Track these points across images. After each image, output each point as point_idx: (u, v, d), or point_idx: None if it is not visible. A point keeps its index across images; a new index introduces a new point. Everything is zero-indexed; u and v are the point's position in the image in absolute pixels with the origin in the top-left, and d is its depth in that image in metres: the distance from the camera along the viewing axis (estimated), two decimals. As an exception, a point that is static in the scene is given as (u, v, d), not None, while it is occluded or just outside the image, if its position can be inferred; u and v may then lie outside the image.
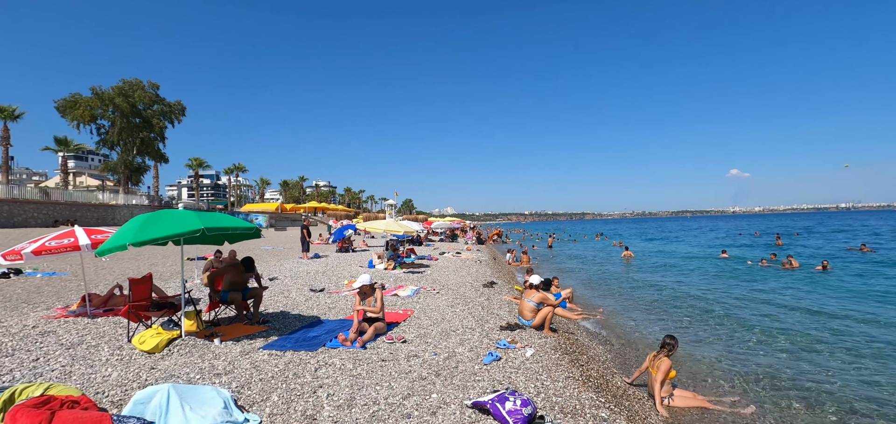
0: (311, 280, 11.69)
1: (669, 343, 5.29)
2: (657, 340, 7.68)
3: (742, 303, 11.11)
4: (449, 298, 9.31)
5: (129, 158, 44.85)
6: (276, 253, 20.48)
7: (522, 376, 4.82)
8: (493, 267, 17.23)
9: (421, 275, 12.98)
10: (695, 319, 9.57)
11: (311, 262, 16.24)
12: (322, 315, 7.59)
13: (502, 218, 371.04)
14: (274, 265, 15.03)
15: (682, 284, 14.58)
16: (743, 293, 12.56)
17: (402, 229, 14.17)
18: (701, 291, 12.94)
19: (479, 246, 29.57)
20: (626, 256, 22.96)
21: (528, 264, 20.73)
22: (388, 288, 10.08)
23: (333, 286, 10.73)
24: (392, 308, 8.16)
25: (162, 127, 46.71)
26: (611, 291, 13.39)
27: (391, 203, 67.48)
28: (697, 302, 11.21)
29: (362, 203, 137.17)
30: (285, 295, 9.38)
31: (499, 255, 24.36)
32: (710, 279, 15.69)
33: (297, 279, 11.83)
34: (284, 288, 10.27)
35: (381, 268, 14.39)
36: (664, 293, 12.83)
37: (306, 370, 4.72)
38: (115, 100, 42.41)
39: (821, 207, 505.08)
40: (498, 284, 11.88)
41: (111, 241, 5.09)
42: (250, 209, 67.75)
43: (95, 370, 4.64)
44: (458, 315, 7.70)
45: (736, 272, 17.02)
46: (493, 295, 10.23)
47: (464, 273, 14.19)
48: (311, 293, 9.63)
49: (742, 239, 37.52)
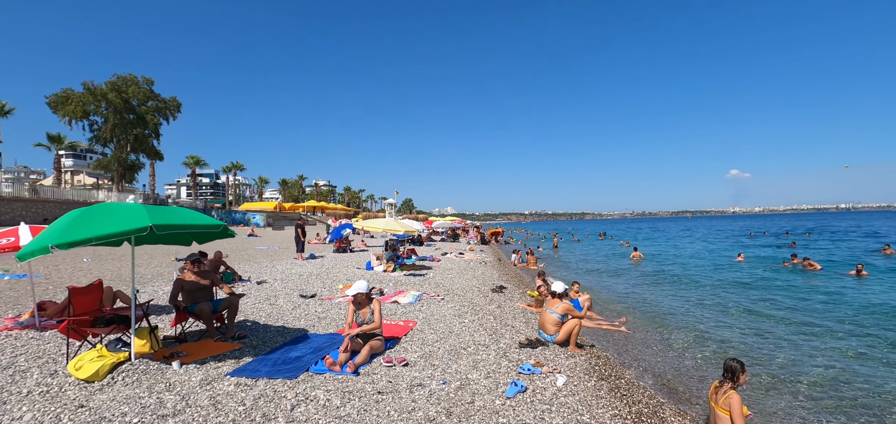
0: (303, 283, 10.64)
1: (733, 367, 4.10)
2: (702, 357, 6.64)
3: (796, 309, 10.06)
4: (455, 305, 8.27)
5: (123, 155, 43.81)
6: (270, 254, 19.43)
7: (559, 416, 3.77)
8: (500, 269, 16.19)
9: (423, 279, 11.94)
10: (747, 328, 8.50)
11: (305, 264, 15.20)
12: (310, 327, 6.54)
13: (502, 217, 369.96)
14: (266, 266, 13.99)
15: (704, 285, 13.54)
16: (781, 296, 11.51)
17: (403, 228, 13.11)
18: (729, 292, 11.91)
19: (482, 247, 28.52)
20: (634, 257, 21.89)
21: (536, 265, 19.69)
22: (388, 294, 9.02)
23: (327, 290, 9.67)
24: (391, 317, 7.11)
25: (156, 123, 45.66)
26: (627, 295, 12.33)
27: (391, 202, 66.36)
28: (728, 302, 10.18)
29: (362, 202, 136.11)
30: (271, 301, 8.33)
31: (504, 256, 23.31)
32: (738, 279, 14.66)
33: (288, 282, 10.78)
34: (272, 293, 9.22)
35: (380, 270, 13.34)
36: (686, 295, 11.79)
37: (280, 409, 3.66)
38: (108, 96, 41.37)
39: (821, 208, 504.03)
40: (508, 289, 10.83)
41: (33, 243, 4.03)
42: (248, 208, 66.71)
43: (5, 408, 3.59)
44: (467, 327, 6.65)
45: (760, 275, 15.98)
46: (504, 301, 9.18)
47: (469, 276, 13.14)
48: (300, 299, 8.58)
49: (754, 240, 36.50)
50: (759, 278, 15.20)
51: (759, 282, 14.27)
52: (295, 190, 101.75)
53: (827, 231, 45.80)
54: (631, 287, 13.96)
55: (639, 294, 12.63)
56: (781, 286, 13.40)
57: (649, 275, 16.56)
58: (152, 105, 45.56)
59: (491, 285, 11.34)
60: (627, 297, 12.08)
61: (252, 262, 15.25)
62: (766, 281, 14.55)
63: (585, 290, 10.36)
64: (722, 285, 13.97)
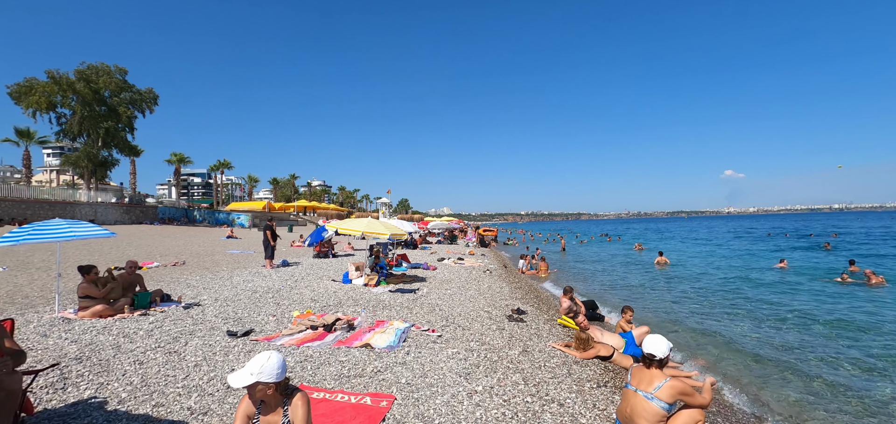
0: (250, 306, 7.74)
1: None
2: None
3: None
4: (460, 351, 5.43)
5: (93, 150, 40.48)
6: (239, 260, 16.54)
7: None
8: (509, 280, 13.36)
9: (414, 298, 9.07)
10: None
11: (272, 273, 12.30)
12: (201, 411, 3.65)
13: (499, 218, 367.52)
14: (219, 278, 11.06)
15: (769, 305, 10.80)
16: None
17: (388, 231, 10.22)
18: (801, 311, 9.21)
19: (482, 250, 25.69)
20: (659, 263, 19.12)
21: (547, 273, 16.91)
22: (358, 331, 6.14)
23: (274, 322, 6.78)
24: (356, 382, 4.27)
25: (130, 116, 42.35)
26: (679, 321, 9.51)
27: (385, 201, 63.27)
28: (812, 327, 7.45)
29: (357, 202, 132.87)
30: (173, 343, 5.42)
31: (509, 262, 20.45)
32: (820, 295, 11.94)
33: (230, 304, 7.88)
34: (191, 325, 6.31)
35: (360, 284, 10.46)
36: (751, 316, 9.05)
37: None
38: (76, 86, 38.06)
39: (815, 208, 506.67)
40: (528, 313, 8.00)
41: None
42: (235, 208, 63.44)
43: None
44: (483, 404, 3.82)
45: (828, 290, 13.30)
46: (530, 339, 6.33)
47: (472, 291, 10.30)
48: (226, 340, 5.69)
49: (775, 240, 33.97)
50: (830, 294, 12.49)
51: (837, 297, 11.57)
52: (287, 189, 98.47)
53: (846, 232, 43.40)
54: (674, 304, 11.17)
55: (688, 314, 9.83)
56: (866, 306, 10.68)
57: (689, 288, 13.78)
58: (126, 96, 42.25)
59: (504, 307, 8.51)
60: (677, 319, 9.28)
61: (205, 272, 12.33)
62: (837, 295, 11.86)
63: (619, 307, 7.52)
64: (782, 303, 11.25)
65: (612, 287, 14.19)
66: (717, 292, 12.78)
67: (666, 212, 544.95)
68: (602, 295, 12.37)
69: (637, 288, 13.69)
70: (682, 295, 12.29)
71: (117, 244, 21.09)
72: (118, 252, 17.61)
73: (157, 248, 20.00)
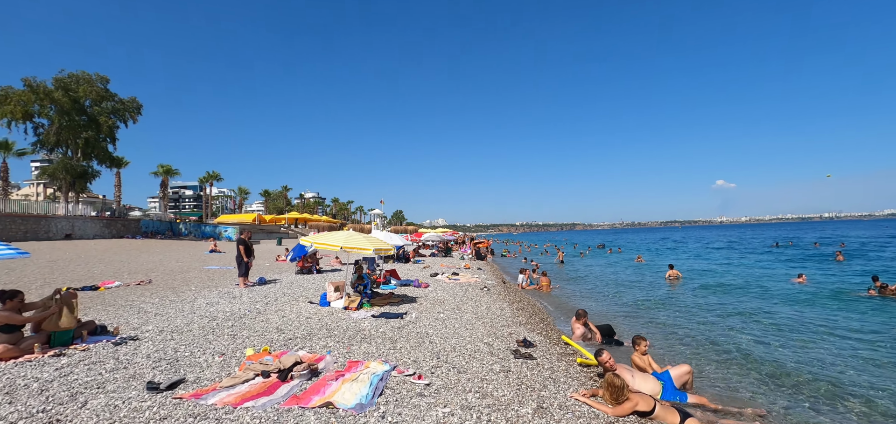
0: (199, 341, 6.32)
1: None
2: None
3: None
4: (456, 413, 4.07)
5: (72, 162, 38.76)
6: (214, 277, 15.08)
7: None
8: (509, 298, 12.02)
9: (400, 325, 7.68)
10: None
11: (244, 293, 10.86)
12: None
13: (493, 228, 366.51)
14: (181, 300, 9.60)
15: (807, 327, 9.54)
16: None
17: (371, 246, 8.84)
18: (842, 331, 7.96)
19: (479, 263, 24.31)
20: (671, 277, 17.86)
21: (549, 289, 15.59)
22: (321, 379, 4.74)
23: (219, 363, 5.36)
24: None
25: (112, 126, 40.73)
26: (722, 347, 8.20)
27: (378, 212, 61.73)
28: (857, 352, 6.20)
29: (351, 214, 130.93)
30: (57, 412, 4.01)
31: (507, 277, 19.09)
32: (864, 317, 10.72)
33: (174, 338, 6.45)
34: (106, 374, 4.87)
35: (339, 307, 9.06)
36: (792, 339, 7.79)
37: None
38: (54, 95, 36.48)
39: (805, 217, 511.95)
40: (535, 345, 6.65)
41: None
42: (224, 220, 61.53)
43: None
44: None
45: (860, 308, 12.11)
46: (547, 389, 4.96)
47: (469, 313, 8.95)
48: (144, 396, 4.27)
49: (784, 250, 32.94)
50: (862, 311, 11.28)
51: (870, 314, 10.35)
52: (279, 201, 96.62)
53: (844, 240, 42.58)
54: (698, 323, 9.86)
55: (725, 337, 8.52)
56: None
57: (713, 305, 12.51)
58: (108, 106, 40.71)
59: (507, 336, 7.15)
60: (715, 342, 7.96)
61: (170, 292, 10.85)
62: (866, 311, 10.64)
63: (639, 330, 6.23)
64: (837, 323, 10.00)
65: (623, 305, 12.86)
66: (746, 311, 11.44)
67: (660, 221, 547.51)
68: (613, 315, 11.03)
69: (652, 308, 12.36)
70: (710, 316, 10.93)
71: (86, 260, 19.47)
72: (85, 269, 16.07)
73: (130, 265, 18.43)
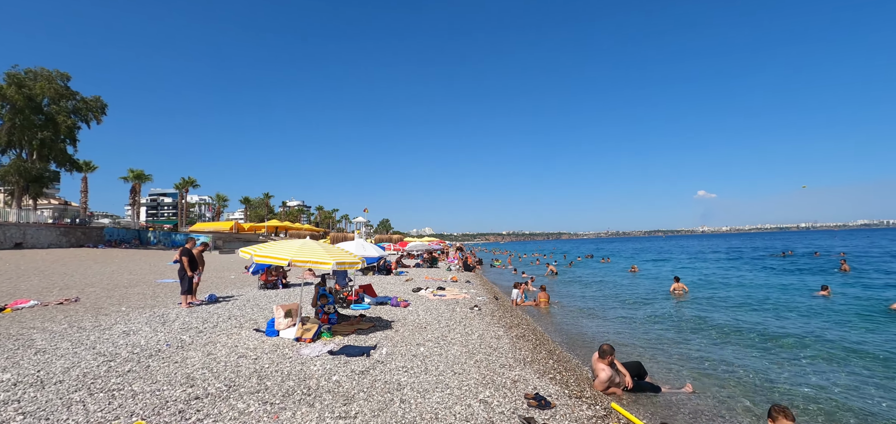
0: (64, 396, 4.30)
1: None
2: None
3: None
4: None
5: (26, 164, 35.62)
6: (164, 292, 13.01)
7: None
8: (505, 321, 10.14)
9: (362, 371, 5.73)
10: None
11: (180, 316, 8.76)
12: None
13: (480, 237, 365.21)
14: (94, 325, 7.45)
15: (858, 354, 7.93)
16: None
17: (332, 259, 6.89)
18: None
19: (467, 275, 22.42)
20: (676, 290, 16.27)
21: (547, 306, 13.81)
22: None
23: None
24: None
25: (71, 126, 37.72)
26: (770, 390, 6.45)
27: (361, 220, 59.27)
28: None
29: (336, 222, 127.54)
30: None
31: (500, 292, 17.18)
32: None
33: (24, 396, 4.40)
34: None
35: (290, 337, 7.06)
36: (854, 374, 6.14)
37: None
38: (7, 92, 33.49)
39: (783, 227, 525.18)
40: (555, 404, 4.79)
41: None
42: (199, 228, 58.25)
43: None
44: None
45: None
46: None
47: (457, 348, 7.05)
48: None
49: (787, 260, 31.96)
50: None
51: None
52: (261, 209, 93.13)
53: (840, 250, 42.13)
54: (744, 356, 8.14)
55: (781, 375, 6.78)
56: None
57: (736, 323, 10.86)
58: (68, 105, 37.75)
59: (509, 387, 5.28)
60: (763, 386, 6.22)
61: (91, 314, 8.66)
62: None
63: (672, 366, 4.45)
64: (868, 350, 8.41)
65: (635, 326, 11.08)
66: (792, 336, 9.76)
67: (644, 231, 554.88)
68: (631, 344, 9.25)
69: (671, 329, 10.61)
70: (752, 347, 9.19)
71: (23, 272, 16.93)
72: (10, 284, 13.69)
73: (73, 278, 16.00)
